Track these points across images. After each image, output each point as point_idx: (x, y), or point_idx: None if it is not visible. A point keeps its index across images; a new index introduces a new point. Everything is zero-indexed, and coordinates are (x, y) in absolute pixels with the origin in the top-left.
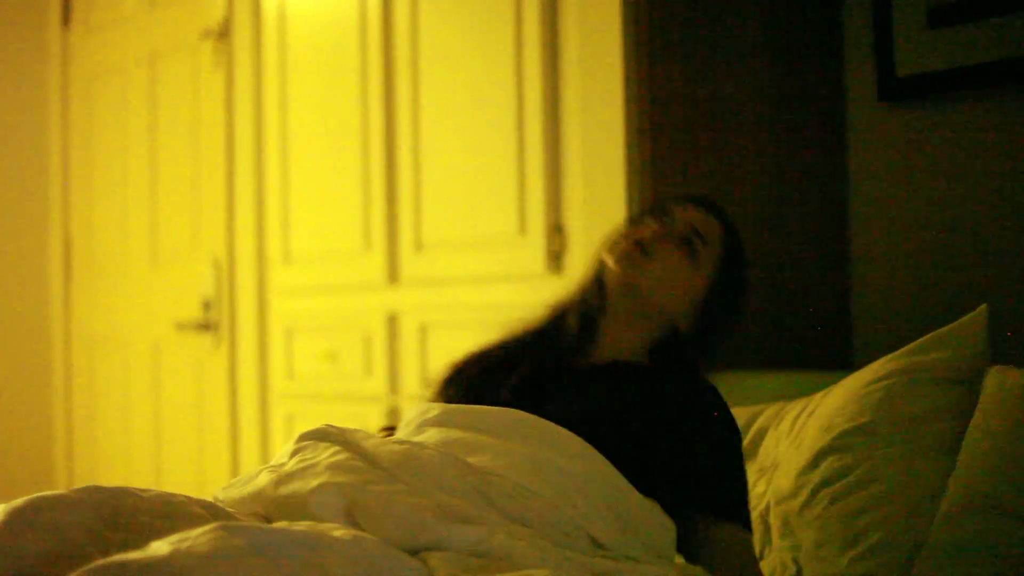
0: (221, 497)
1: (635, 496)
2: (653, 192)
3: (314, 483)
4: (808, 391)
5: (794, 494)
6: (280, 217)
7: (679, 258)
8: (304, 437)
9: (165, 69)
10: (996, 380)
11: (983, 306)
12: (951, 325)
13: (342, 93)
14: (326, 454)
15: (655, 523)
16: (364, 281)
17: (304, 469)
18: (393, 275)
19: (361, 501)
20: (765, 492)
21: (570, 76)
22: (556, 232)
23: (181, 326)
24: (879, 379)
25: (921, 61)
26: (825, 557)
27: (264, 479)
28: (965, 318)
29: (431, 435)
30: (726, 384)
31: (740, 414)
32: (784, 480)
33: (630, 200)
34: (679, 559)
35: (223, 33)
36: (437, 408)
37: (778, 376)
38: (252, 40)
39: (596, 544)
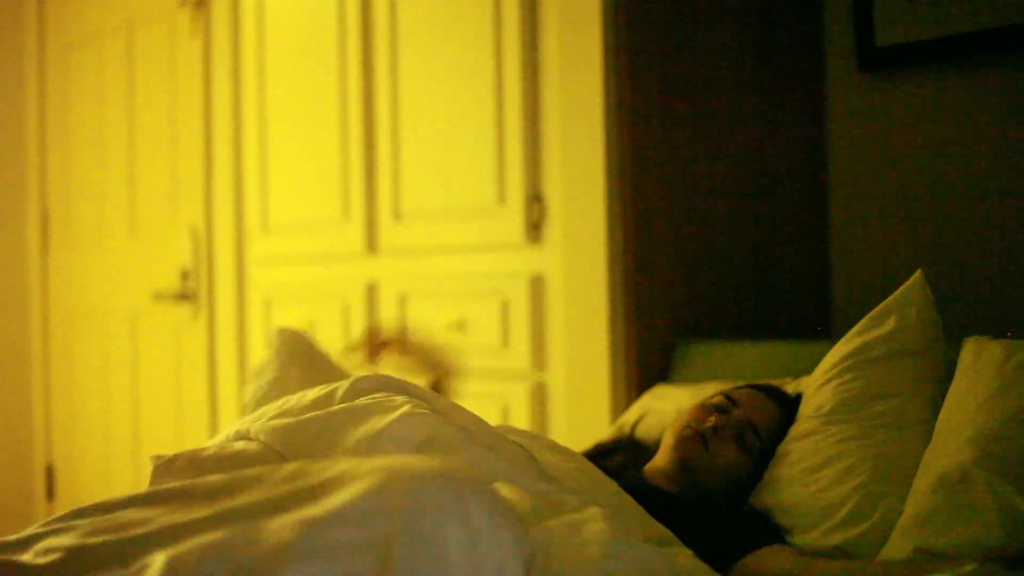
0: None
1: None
2: (632, 162)
3: (395, 413)
4: (788, 361)
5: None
6: (258, 186)
7: (733, 452)
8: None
9: (142, 37)
10: (972, 351)
11: (918, 273)
12: (891, 297)
13: (321, 62)
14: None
15: None
16: (343, 251)
17: (381, 403)
18: (372, 245)
19: (438, 433)
20: None
21: (549, 46)
22: (535, 201)
23: (159, 296)
24: (832, 367)
25: (900, 31)
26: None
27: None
28: (903, 287)
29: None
30: (708, 354)
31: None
32: None
33: (609, 170)
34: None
35: (200, 1)
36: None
37: (759, 346)
38: (230, 8)
39: None
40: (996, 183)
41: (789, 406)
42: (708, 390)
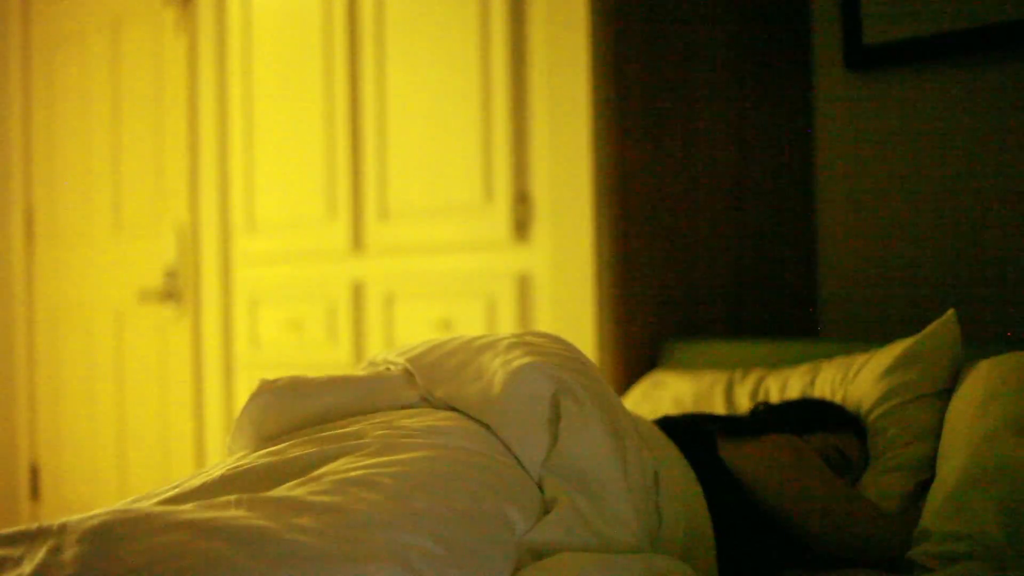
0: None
1: None
2: (618, 161)
3: (521, 360)
4: (775, 360)
5: None
6: (244, 185)
7: None
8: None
9: (127, 35)
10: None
11: (951, 312)
12: (923, 336)
13: (306, 60)
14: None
15: None
16: (329, 250)
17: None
18: (358, 243)
19: (567, 399)
20: None
21: (536, 44)
22: (521, 200)
23: (144, 295)
24: (867, 412)
25: (888, 29)
26: None
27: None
28: (933, 326)
29: None
30: (695, 353)
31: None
32: None
33: (595, 168)
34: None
35: None
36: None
37: (746, 344)
38: (215, 6)
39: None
40: (983, 181)
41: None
42: (705, 377)
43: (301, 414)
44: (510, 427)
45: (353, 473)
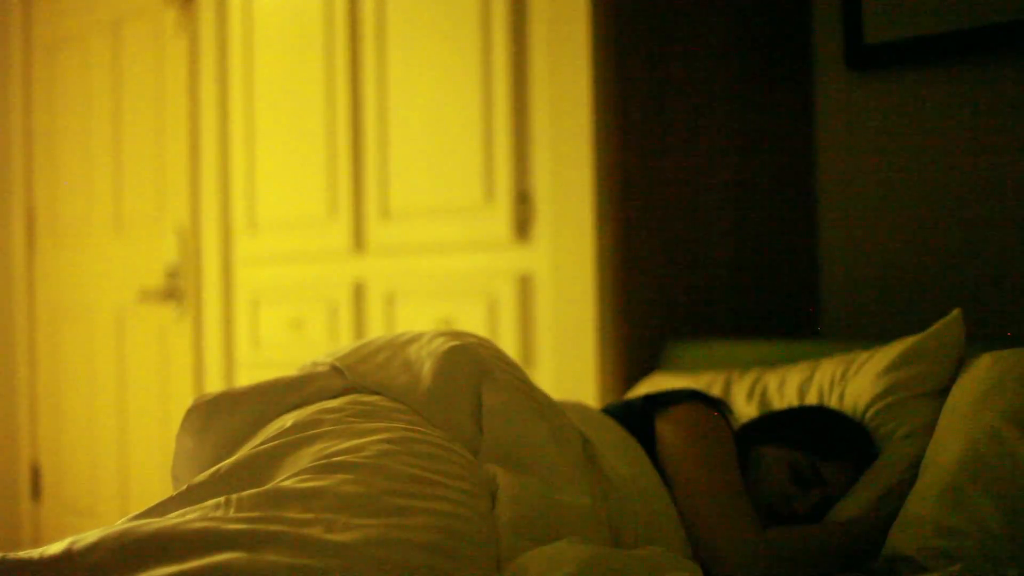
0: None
1: None
2: (619, 161)
3: (447, 344)
4: (777, 360)
5: None
6: (245, 185)
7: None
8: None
9: (128, 35)
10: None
11: (957, 312)
12: (928, 334)
13: (308, 59)
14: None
15: None
16: (330, 249)
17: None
18: (359, 243)
19: (488, 391)
20: None
21: (537, 43)
22: (522, 200)
23: (145, 295)
24: (865, 406)
25: (890, 29)
26: None
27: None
28: (940, 325)
29: None
30: (697, 353)
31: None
32: None
33: (596, 168)
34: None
35: None
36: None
37: (748, 345)
38: (216, 6)
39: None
40: (985, 182)
41: (863, 464)
42: (704, 378)
43: (237, 422)
44: (442, 422)
45: (338, 458)
